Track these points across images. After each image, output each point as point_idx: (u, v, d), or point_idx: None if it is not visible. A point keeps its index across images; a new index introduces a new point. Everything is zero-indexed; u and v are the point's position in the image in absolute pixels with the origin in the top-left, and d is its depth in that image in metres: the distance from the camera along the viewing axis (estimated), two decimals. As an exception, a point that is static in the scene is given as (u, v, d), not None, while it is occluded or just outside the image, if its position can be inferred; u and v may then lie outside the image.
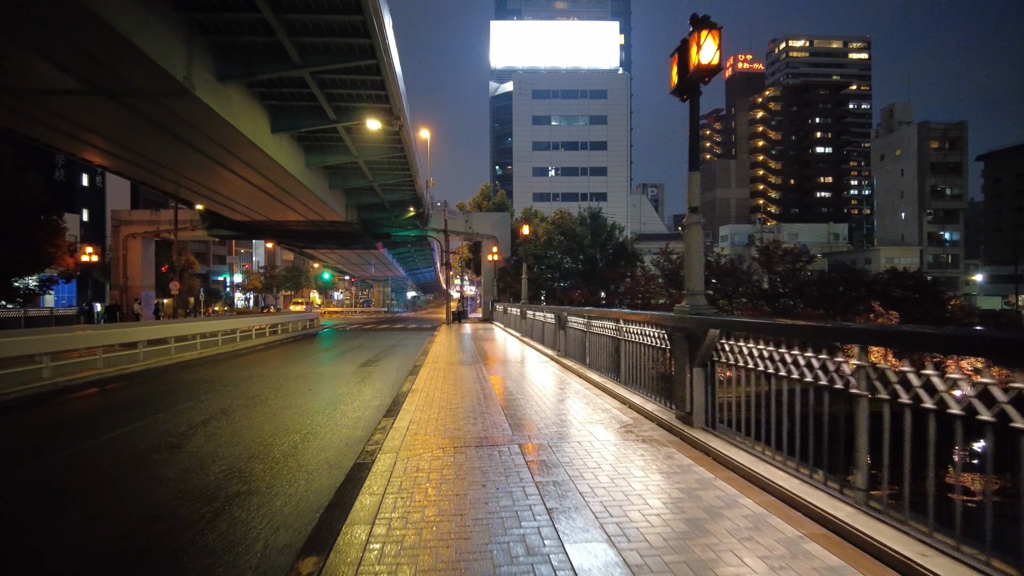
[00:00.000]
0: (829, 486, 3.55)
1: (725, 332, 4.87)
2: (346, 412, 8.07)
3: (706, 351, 5.09)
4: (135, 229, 39.68)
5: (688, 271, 5.66)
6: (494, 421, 6.13)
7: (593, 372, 9.04)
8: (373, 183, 28.32)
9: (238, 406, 8.63)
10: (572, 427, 5.79)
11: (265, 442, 6.38)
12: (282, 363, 14.80)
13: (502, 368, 10.89)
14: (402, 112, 19.23)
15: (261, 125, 18.54)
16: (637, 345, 7.00)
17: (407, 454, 4.87)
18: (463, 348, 15.56)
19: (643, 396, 6.79)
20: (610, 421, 6.03)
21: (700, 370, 5.26)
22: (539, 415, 6.43)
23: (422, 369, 10.97)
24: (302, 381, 11.18)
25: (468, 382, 9.08)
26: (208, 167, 22.94)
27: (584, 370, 9.45)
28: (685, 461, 4.57)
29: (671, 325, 5.74)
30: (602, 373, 8.60)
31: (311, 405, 8.66)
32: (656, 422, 5.86)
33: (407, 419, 6.33)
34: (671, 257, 37.59)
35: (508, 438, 5.38)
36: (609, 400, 7.25)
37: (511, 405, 7.07)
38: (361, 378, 11.58)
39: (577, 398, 7.48)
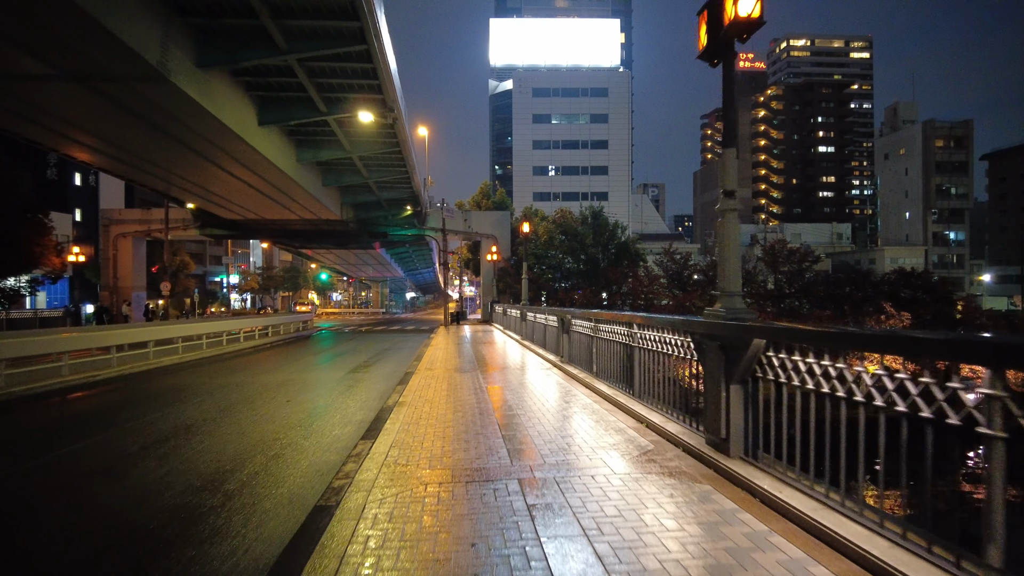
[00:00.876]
0: (935, 553, 2.64)
1: (773, 343, 3.97)
2: (323, 429, 7.16)
3: (748, 365, 4.18)
4: (125, 228, 38.79)
5: (722, 267, 4.74)
6: (490, 445, 5.21)
7: (602, 382, 8.12)
8: (368, 180, 27.40)
9: (206, 420, 7.71)
10: (582, 454, 4.88)
11: (224, 468, 5.46)
12: (267, 368, 13.89)
13: (501, 376, 9.97)
14: (396, 104, 18.31)
15: (247, 117, 17.62)
16: (655, 354, 6.09)
17: (381, 494, 3.95)
18: (460, 353, 14.64)
19: (663, 414, 5.87)
20: (626, 446, 5.11)
21: (739, 388, 4.35)
22: (543, 437, 5.51)
23: (414, 377, 10.05)
24: (283, 390, 10.26)
25: (463, 393, 8.17)
26: (196, 163, 22.04)
27: (591, 379, 8.53)
28: (727, 504, 3.66)
29: (700, 332, 4.83)
30: (612, 384, 7.69)
31: (287, 419, 7.75)
32: (682, 448, 4.94)
33: (388, 441, 5.41)
34: (675, 257, 36.77)
35: (506, 470, 4.46)
36: (622, 417, 6.33)
37: (510, 424, 6.15)
38: (348, 386, 10.66)
39: (585, 414, 6.57)
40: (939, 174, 64.72)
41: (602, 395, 7.55)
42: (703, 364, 4.83)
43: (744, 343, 4.14)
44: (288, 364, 14.88)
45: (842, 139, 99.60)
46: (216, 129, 16.85)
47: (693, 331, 5.00)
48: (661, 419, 5.73)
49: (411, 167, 26.39)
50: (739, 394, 4.36)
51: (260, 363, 15.24)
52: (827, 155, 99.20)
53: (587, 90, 76.73)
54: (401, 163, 25.66)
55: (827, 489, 3.42)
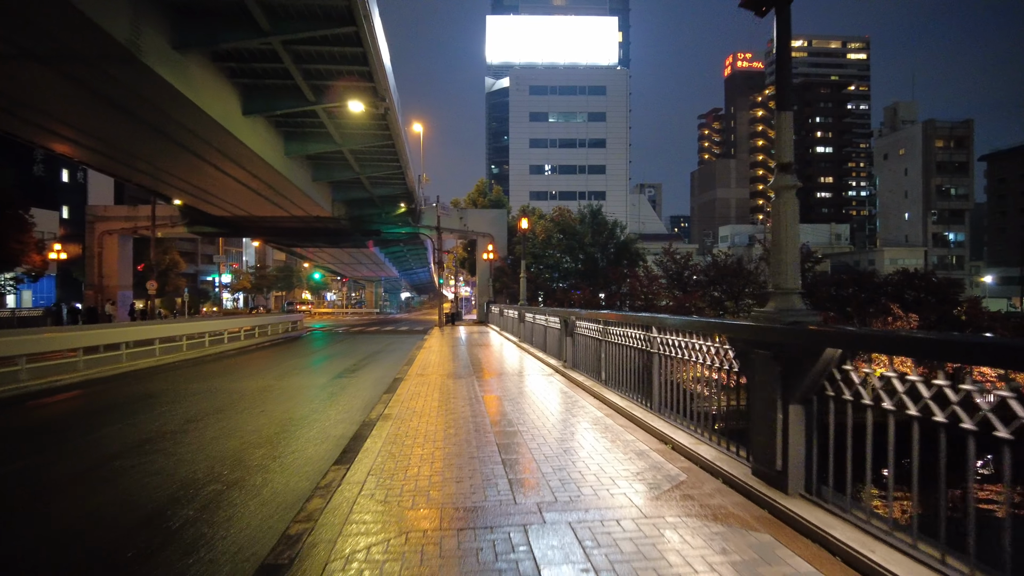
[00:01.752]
0: None
1: (851, 351, 3.11)
2: (296, 447, 6.25)
3: (815, 380, 3.32)
4: (111, 226, 37.70)
5: (777, 258, 3.86)
6: (487, 474, 4.32)
7: (612, 392, 7.24)
8: (360, 175, 26.46)
9: (166, 434, 6.80)
10: (600, 487, 3.99)
11: (168, 499, 4.56)
12: (248, 372, 12.96)
13: (498, 383, 9.08)
14: (388, 93, 17.40)
15: (230, 105, 16.68)
16: (680, 363, 5.22)
17: (349, 546, 3.06)
18: (454, 356, 13.75)
19: (691, 434, 4.99)
20: (653, 475, 4.23)
21: (800, 408, 3.48)
22: (550, 462, 4.62)
23: (403, 383, 9.15)
24: (260, 398, 9.35)
25: (457, 403, 7.28)
26: (179, 156, 21.08)
27: (599, 388, 7.65)
28: (800, 566, 2.78)
29: (746, 339, 3.95)
30: (625, 394, 6.81)
31: (257, 434, 6.84)
32: (722, 479, 4.06)
33: (366, 467, 4.52)
34: (675, 257, 35.95)
35: (508, 510, 3.58)
36: (641, 436, 5.45)
37: (511, 444, 5.26)
38: (331, 394, 9.75)
39: (597, 431, 5.68)
40: (939, 174, 64.21)
41: (614, 407, 6.67)
42: (748, 377, 3.97)
43: (811, 353, 3.27)
44: (271, 368, 13.96)
45: (840, 139, 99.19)
46: (197, 118, 15.90)
47: (735, 337, 4.13)
48: (690, 440, 4.85)
49: (405, 162, 25.47)
50: (800, 416, 3.49)
51: (242, 367, 14.31)
52: (825, 155, 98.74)
53: (584, 88, 75.94)
54: (394, 157, 24.72)
55: (942, 553, 2.55)
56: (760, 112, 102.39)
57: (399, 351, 17.89)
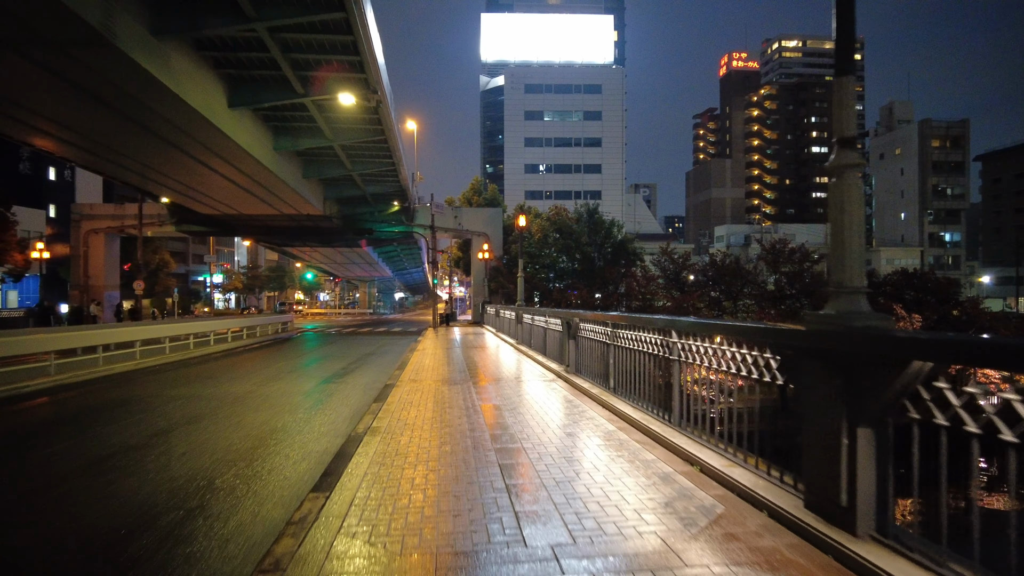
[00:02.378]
0: None
1: (944, 364, 2.50)
2: (271, 466, 5.60)
3: (892, 399, 2.71)
4: (97, 224, 36.79)
5: (839, 250, 3.24)
6: (488, 505, 3.69)
7: (623, 401, 6.62)
8: (352, 172, 25.74)
9: (130, 448, 6.14)
10: (625, 521, 3.37)
11: (119, 531, 3.90)
12: (231, 377, 12.26)
13: (496, 390, 8.44)
14: (380, 85, 16.72)
15: (214, 97, 15.96)
16: (706, 371, 4.60)
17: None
18: (449, 359, 13.10)
19: (722, 453, 4.37)
20: (684, 505, 3.61)
21: (870, 432, 2.87)
22: (561, 487, 3.99)
23: (395, 390, 8.51)
24: (240, 406, 8.68)
25: (452, 414, 6.64)
26: (165, 152, 20.34)
27: (608, 397, 7.03)
28: (897, 644, 2.16)
29: (797, 346, 3.34)
30: (639, 404, 6.19)
31: (230, 449, 6.18)
32: (768, 512, 3.44)
33: (348, 494, 3.88)
34: (673, 257, 35.43)
35: (515, 555, 2.94)
36: (662, 455, 4.82)
37: (515, 465, 4.63)
38: (317, 402, 9.09)
39: (611, 448, 5.06)
40: (935, 174, 64.08)
41: (627, 419, 6.04)
42: (799, 392, 3.35)
43: (891, 366, 2.66)
44: (257, 372, 13.26)
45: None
46: (180, 110, 15.17)
47: (784, 344, 3.50)
48: (720, 461, 4.23)
49: (398, 159, 24.78)
50: (870, 441, 2.88)
51: (226, 370, 13.61)
52: (821, 155, 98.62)
53: (580, 87, 75.37)
54: (387, 154, 24.03)
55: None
56: (756, 112, 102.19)
57: (391, 353, 17.22)
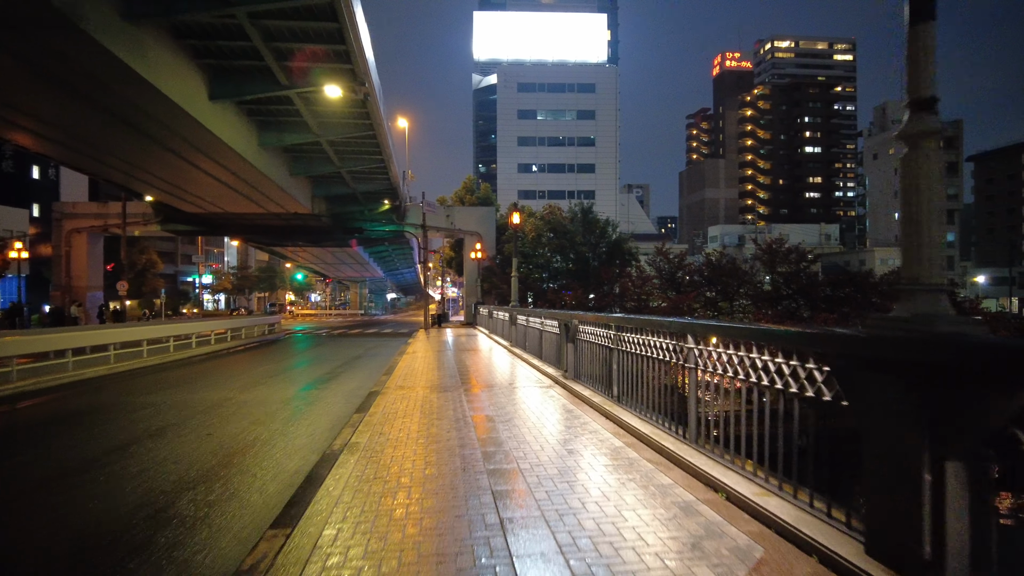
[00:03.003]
0: None
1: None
2: (235, 488, 4.95)
3: (999, 427, 2.12)
4: (79, 223, 35.85)
5: (915, 236, 2.66)
6: (480, 548, 3.06)
7: (629, 412, 6.01)
8: (341, 169, 25.03)
9: (78, 468, 5.48)
10: (649, 569, 2.75)
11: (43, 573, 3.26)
12: (209, 383, 11.56)
13: (490, 398, 7.82)
14: (368, 76, 16.05)
15: (195, 89, 15.24)
16: (732, 382, 4.00)
17: None
18: (440, 363, 12.46)
19: (751, 479, 3.76)
20: (715, 547, 2.99)
21: (961, 467, 2.28)
22: (566, 522, 3.37)
23: (380, 398, 7.87)
24: (212, 416, 8.01)
25: (440, 427, 6.01)
26: (146, 147, 19.60)
27: (611, 406, 6.42)
28: None
29: (858, 355, 2.73)
30: (648, 417, 5.59)
31: (193, 467, 5.52)
32: (818, 557, 2.83)
33: (311, 536, 3.24)
34: (669, 257, 34.95)
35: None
36: (680, 478, 4.22)
37: (510, 493, 4.00)
38: (295, 411, 8.43)
39: (620, 469, 4.44)
40: (929, 174, 63.98)
41: (635, 433, 5.44)
42: (859, 412, 2.75)
43: (997, 383, 2.06)
44: (237, 377, 12.55)
45: (829, 140, 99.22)
46: (158, 102, 14.45)
47: (838, 353, 2.90)
48: (751, 488, 3.62)
49: (388, 155, 24.10)
50: (964, 479, 2.28)
51: (205, 375, 12.91)
52: (814, 156, 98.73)
53: (573, 85, 74.84)
54: (376, 150, 23.34)
55: None
56: (749, 112, 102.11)
57: (380, 356, 16.57)
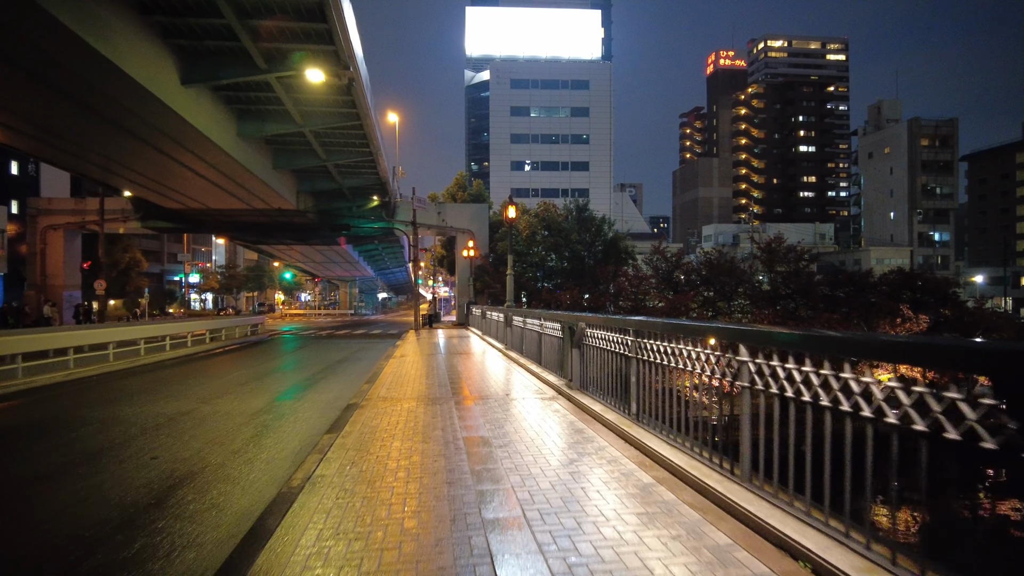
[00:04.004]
0: None
1: None
2: (165, 539, 3.88)
3: None
4: (55, 220, 34.42)
5: None
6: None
7: (654, 436, 5.00)
8: (327, 163, 23.88)
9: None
10: None
11: None
12: (173, 391, 10.44)
13: (484, 413, 6.79)
14: (353, 59, 14.95)
15: (164, 72, 14.08)
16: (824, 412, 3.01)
17: None
18: (429, 369, 11.40)
19: (844, 542, 2.75)
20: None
21: None
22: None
23: (359, 413, 6.83)
24: (162, 434, 6.93)
25: (427, 452, 4.97)
26: (119, 138, 18.45)
27: (630, 426, 5.42)
28: None
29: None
30: (680, 443, 4.58)
31: (123, 506, 4.46)
32: None
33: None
34: (666, 255, 34.07)
35: None
36: (739, 536, 3.20)
37: (515, 557, 2.97)
38: (262, 427, 7.36)
39: (657, 521, 3.43)
40: (924, 173, 63.63)
41: (665, 465, 4.42)
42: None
43: None
44: (205, 384, 11.44)
45: (822, 139, 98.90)
46: (123, 85, 13.29)
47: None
48: (851, 560, 2.61)
49: (376, 148, 22.98)
50: None
51: (171, 382, 11.78)
52: (808, 155, 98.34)
53: (567, 82, 73.84)
54: (364, 142, 22.21)
55: None
56: (743, 111, 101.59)
57: (366, 360, 15.50)
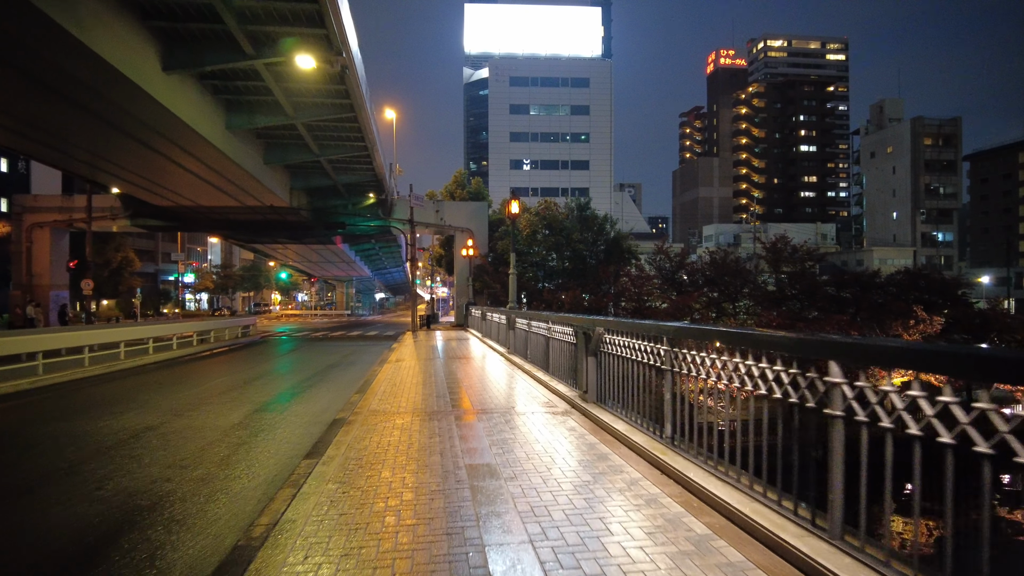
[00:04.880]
0: None
1: None
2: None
3: None
4: (42, 217, 33.38)
5: None
6: None
7: (698, 468, 4.12)
8: (320, 158, 22.95)
9: None
10: None
11: None
12: (142, 402, 9.54)
13: (488, 430, 5.91)
14: (346, 46, 14.04)
15: (143, 55, 13.16)
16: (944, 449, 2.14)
17: None
18: (426, 376, 10.51)
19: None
20: None
21: None
22: None
23: (346, 430, 5.96)
24: (118, 456, 6.04)
25: (421, 487, 4.09)
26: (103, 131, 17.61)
27: (664, 453, 4.54)
28: None
29: None
30: (733, 479, 3.69)
31: (39, 567, 3.56)
32: None
33: None
34: (670, 255, 33.24)
35: None
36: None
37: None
38: (233, 448, 6.45)
39: (712, 570, 2.55)
40: (928, 173, 62.92)
41: (721, 508, 3.54)
42: None
43: None
44: (180, 393, 10.52)
45: (823, 138, 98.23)
46: (100, 71, 12.38)
47: None
48: None
49: (371, 142, 22.07)
50: None
51: (144, 390, 10.87)
52: (808, 154, 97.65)
53: (567, 80, 72.95)
54: (358, 135, 21.30)
55: None
56: (744, 110, 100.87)
57: (359, 364, 14.61)
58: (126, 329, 17.28)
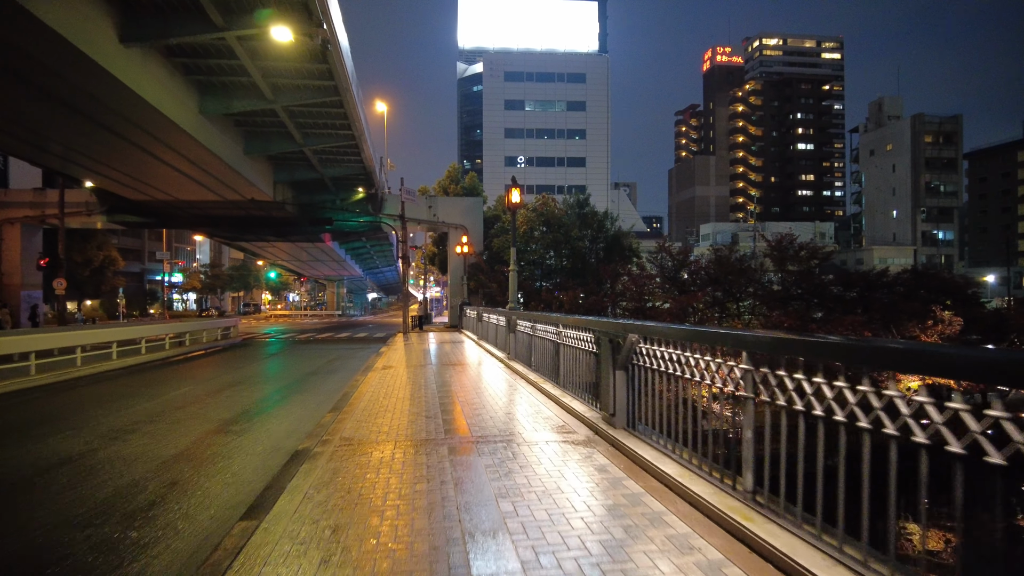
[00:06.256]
0: None
1: None
2: None
3: None
4: (11, 213, 31.66)
5: None
6: None
7: (797, 537, 2.74)
8: (304, 147, 21.46)
9: None
10: None
11: None
12: (79, 421, 8.09)
13: (491, 467, 4.51)
14: (327, 16, 12.60)
15: (94, 22, 11.66)
16: None
17: None
18: (415, 385, 9.10)
19: None
20: None
21: None
22: None
23: (306, 469, 4.57)
24: (13, 502, 4.61)
25: (399, 572, 2.70)
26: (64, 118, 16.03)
27: (743, 515, 3.17)
28: None
29: None
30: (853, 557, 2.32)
31: None
32: None
33: None
34: (672, 253, 32.01)
35: None
36: None
37: None
38: (164, 492, 5.04)
39: None
40: (928, 171, 62.05)
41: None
42: None
43: None
44: (131, 407, 9.06)
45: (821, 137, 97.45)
46: (41, 40, 10.89)
47: None
48: None
49: (359, 132, 20.61)
50: None
51: (89, 405, 9.40)
52: (806, 152, 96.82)
53: (563, 75, 71.63)
54: (345, 123, 19.84)
55: None
56: (740, 108, 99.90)
57: (342, 371, 13.19)
58: (89, 332, 15.75)
